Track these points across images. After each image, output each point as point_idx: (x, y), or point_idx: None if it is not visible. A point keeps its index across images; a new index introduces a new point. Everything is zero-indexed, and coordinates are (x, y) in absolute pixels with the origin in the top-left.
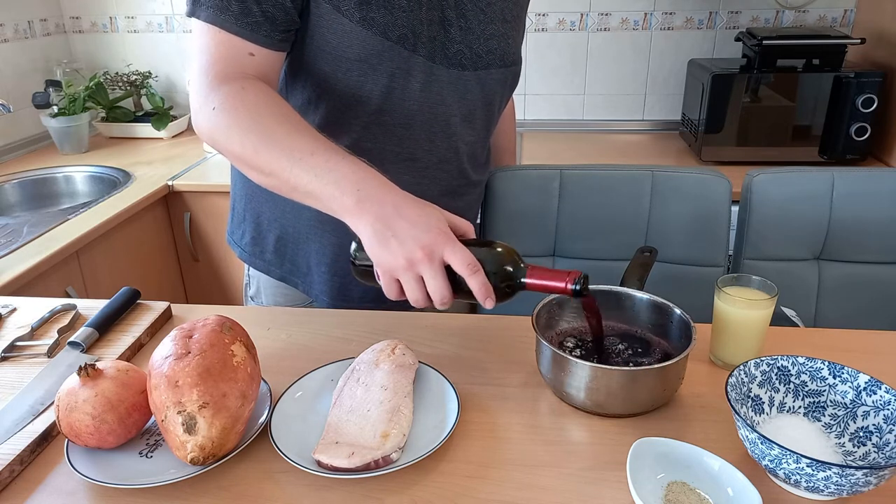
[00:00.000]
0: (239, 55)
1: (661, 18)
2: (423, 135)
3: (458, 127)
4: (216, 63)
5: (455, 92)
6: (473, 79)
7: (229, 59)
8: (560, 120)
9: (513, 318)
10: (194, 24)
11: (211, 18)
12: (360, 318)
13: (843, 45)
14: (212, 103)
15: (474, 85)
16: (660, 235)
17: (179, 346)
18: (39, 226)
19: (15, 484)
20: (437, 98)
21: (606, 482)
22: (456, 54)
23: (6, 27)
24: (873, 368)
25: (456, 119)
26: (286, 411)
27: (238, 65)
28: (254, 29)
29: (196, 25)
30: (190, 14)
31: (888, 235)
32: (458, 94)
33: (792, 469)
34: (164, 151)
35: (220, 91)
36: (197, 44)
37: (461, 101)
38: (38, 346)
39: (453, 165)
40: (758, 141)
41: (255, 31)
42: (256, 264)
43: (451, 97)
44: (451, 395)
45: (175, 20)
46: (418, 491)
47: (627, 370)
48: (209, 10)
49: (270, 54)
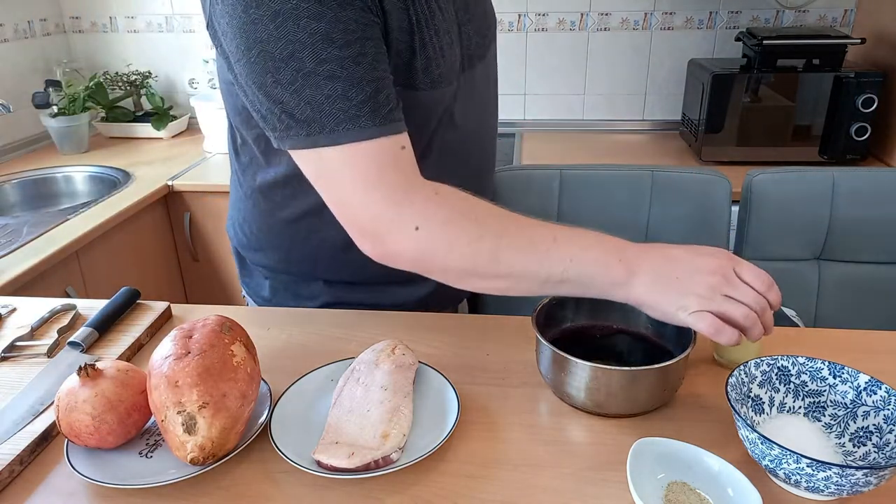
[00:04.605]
0: (394, 157)
1: (661, 18)
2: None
3: (492, 118)
4: (377, 177)
5: (486, 83)
6: (490, 59)
7: (386, 165)
8: (560, 120)
9: (513, 318)
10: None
11: (346, 138)
12: (360, 318)
13: (843, 45)
14: (411, 223)
15: (490, 65)
16: (660, 235)
17: (179, 346)
18: (39, 226)
19: (15, 484)
20: (479, 100)
21: (606, 482)
22: (476, 48)
23: (6, 27)
24: (873, 368)
25: (491, 108)
26: (286, 411)
27: (399, 167)
28: (390, 118)
29: (315, 157)
30: (308, 146)
31: (888, 235)
32: (486, 83)
33: (792, 469)
34: (164, 151)
35: (414, 206)
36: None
37: (487, 87)
38: (37, 346)
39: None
40: (758, 141)
41: (394, 121)
42: None
43: (482, 91)
44: (451, 395)
45: (175, 20)
46: (418, 491)
47: (628, 370)
48: (337, 133)
49: (408, 139)
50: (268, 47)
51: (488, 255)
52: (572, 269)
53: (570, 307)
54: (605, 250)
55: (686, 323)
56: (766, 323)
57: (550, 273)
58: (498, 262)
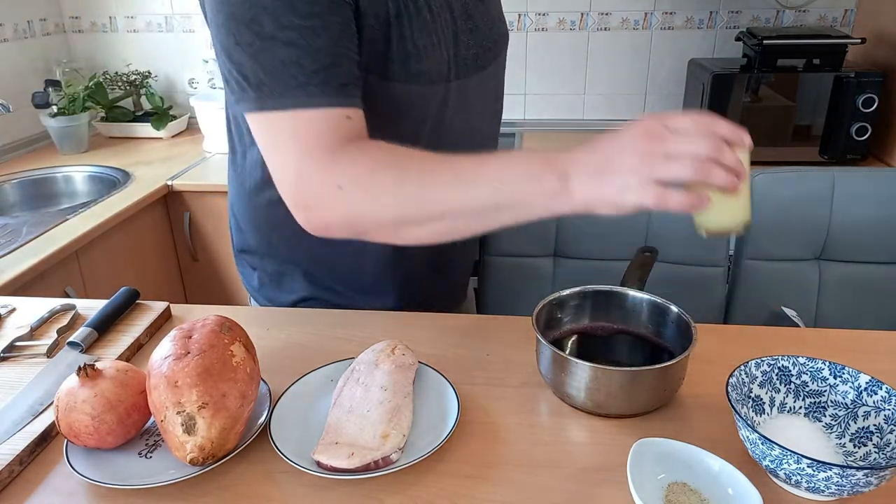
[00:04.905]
0: (336, 125)
1: (661, 18)
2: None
3: (490, 135)
4: (314, 143)
5: (485, 96)
6: (492, 73)
7: (327, 132)
8: (560, 120)
9: (513, 318)
10: (260, 119)
11: (291, 102)
12: (360, 318)
13: (843, 44)
14: (335, 182)
15: (492, 78)
16: (660, 235)
17: (179, 346)
18: (39, 226)
19: (14, 484)
20: (475, 113)
21: (607, 483)
22: (474, 58)
23: (6, 27)
24: (874, 368)
25: (489, 123)
26: (286, 412)
27: (338, 135)
28: (342, 92)
29: (264, 120)
30: (256, 109)
31: (889, 235)
32: (485, 96)
33: (792, 469)
34: (164, 151)
35: (339, 165)
36: (272, 138)
37: (485, 100)
38: (37, 347)
39: None
40: (758, 141)
41: (345, 95)
42: None
43: (478, 103)
44: (451, 395)
45: (175, 20)
46: (418, 491)
47: (628, 371)
48: (286, 97)
49: (360, 113)
50: (234, 10)
51: (414, 199)
52: (504, 192)
53: (571, 308)
54: (532, 162)
55: (636, 204)
56: (728, 164)
57: (482, 201)
58: (426, 203)
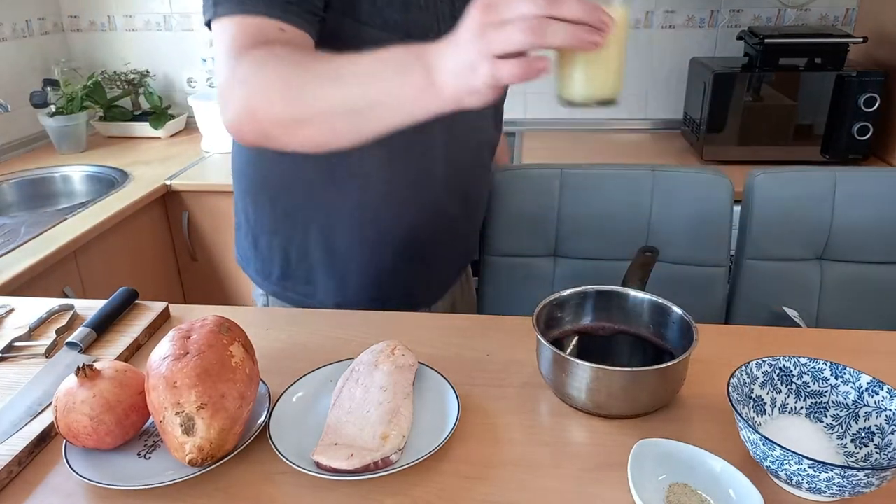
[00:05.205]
0: (268, 33)
1: (662, 17)
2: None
3: (477, 119)
4: (240, 43)
5: None
6: None
7: (257, 35)
8: (560, 119)
9: (513, 319)
10: (216, 28)
11: (236, 9)
12: (359, 318)
13: (845, 44)
14: (238, 77)
15: None
16: (661, 235)
17: (177, 346)
18: (37, 226)
19: (13, 485)
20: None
21: (607, 483)
22: None
23: (4, 26)
24: (875, 369)
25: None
26: (285, 412)
27: (262, 39)
28: (283, 9)
29: (218, 28)
30: (212, 16)
31: (890, 235)
32: None
33: (794, 470)
34: (162, 151)
35: (245, 60)
36: (220, 45)
37: None
38: (35, 347)
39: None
40: (759, 140)
41: (285, 11)
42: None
43: None
44: (451, 396)
45: (173, 19)
46: (418, 492)
47: (628, 371)
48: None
49: (301, 33)
50: None
51: (298, 96)
52: (375, 87)
53: (571, 308)
54: (404, 53)
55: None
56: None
57: (355, 99)
58: (307, 100)
